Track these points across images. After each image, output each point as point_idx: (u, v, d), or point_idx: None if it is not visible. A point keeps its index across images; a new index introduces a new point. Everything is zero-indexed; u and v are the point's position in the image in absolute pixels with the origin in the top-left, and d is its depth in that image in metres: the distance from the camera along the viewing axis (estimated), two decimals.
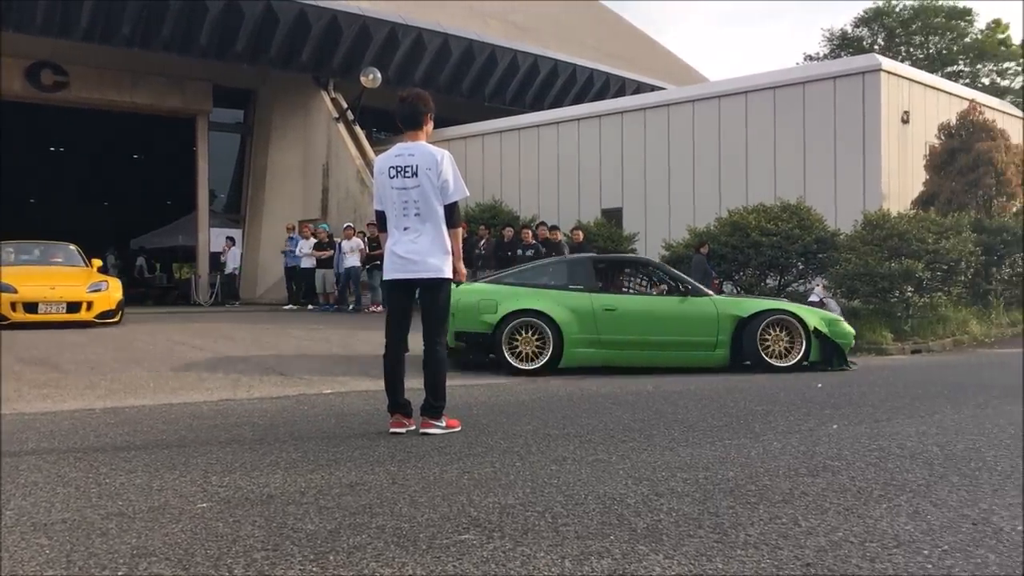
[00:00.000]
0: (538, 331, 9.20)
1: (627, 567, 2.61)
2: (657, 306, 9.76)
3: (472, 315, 9.22)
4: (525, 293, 9.48)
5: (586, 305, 9.33)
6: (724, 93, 18.74)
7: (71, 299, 12.53)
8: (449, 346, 9.53)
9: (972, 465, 4.01)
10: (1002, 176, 16.13)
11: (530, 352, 9.18)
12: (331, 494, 3.57)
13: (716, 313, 9.46)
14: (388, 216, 5.21)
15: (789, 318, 9.44)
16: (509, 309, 9.18)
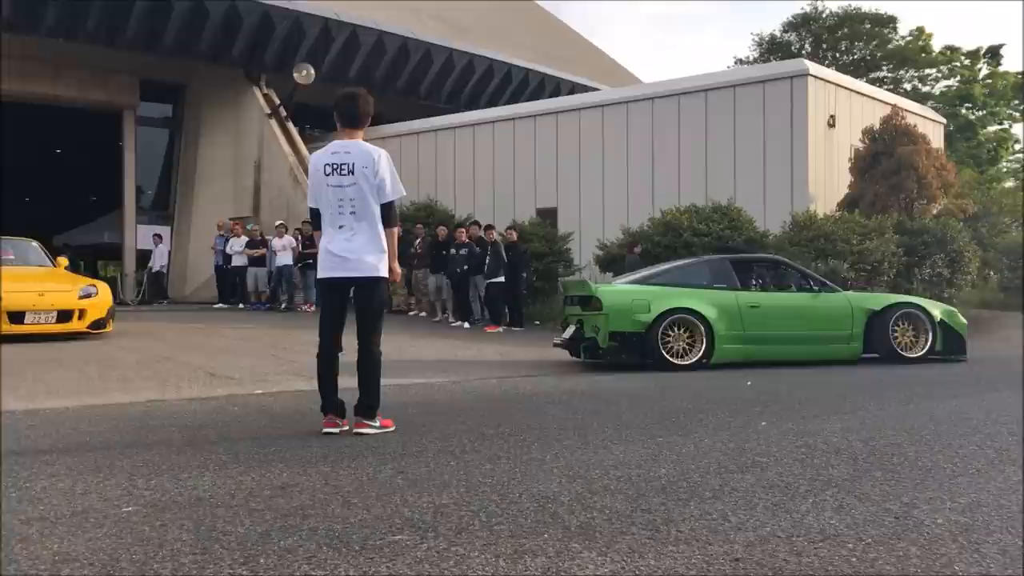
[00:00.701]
0: (688, 328, 9.56)
1: (560, 565, 2.62)
2: (796, 302, 10.21)
3: (626, 315, 9.52)
4: (675, 292, 9.84)
5: (731, 303, 9.75)
6: (657, 95, 18.98)
7: (62, 307, 10.74)
8: (601, 347, 9.85)
9: (894, 460, 4.13)
10: (923, 179, 16.64)
11: (681, 349, 9.55)
12: (262, 496, 3.51)
13: (850, 307, 10.04)
14: (323, 214, 5.15)
15: (917, 311, 10.08)
16: (663, 308, 9.51)
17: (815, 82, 17.12)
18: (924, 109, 22.70)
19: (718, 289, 9.85)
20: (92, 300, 11.03)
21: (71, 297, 10.91)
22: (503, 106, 23.67)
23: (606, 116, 19.46)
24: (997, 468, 3.94)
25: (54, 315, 10.63)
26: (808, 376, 8.70)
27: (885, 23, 37.77)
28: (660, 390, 7.54)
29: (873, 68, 37.50)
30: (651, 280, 10.25)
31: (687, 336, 9.55)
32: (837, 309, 10.05)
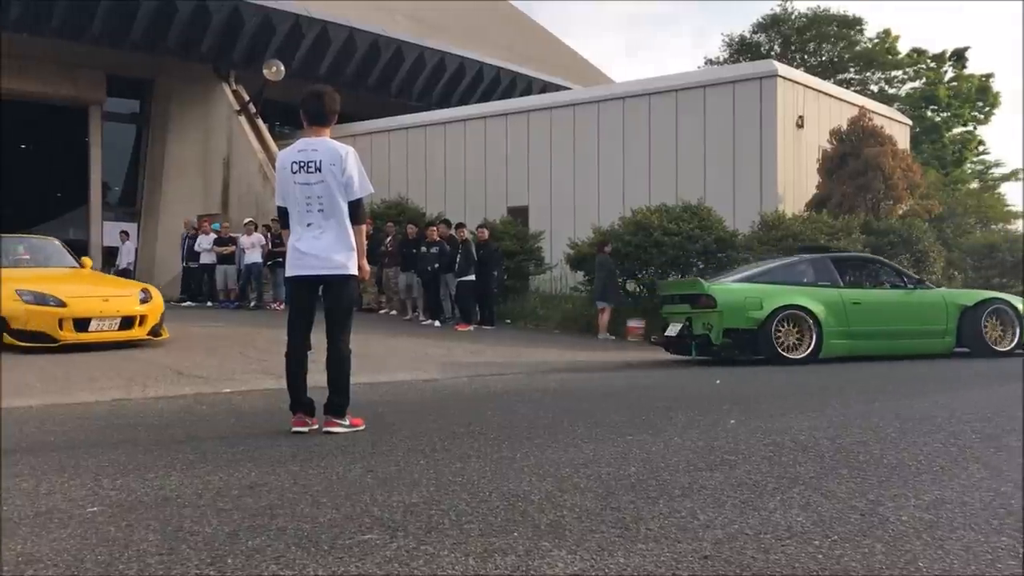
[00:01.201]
0: (797, 324, 10.09)
1: (530, 563, 2.62)
2: (894, 298, 10.72)
3: (739, 312, 10.06)
4: (784, 290, 10.36)
5: (836, 299, 10.25)
6: (628, 94, 19.05)
7: (126, 312, 10.02)
8: (715, 343, 10.26)
9: (860, 458, 4.17)
10: (890, 180, 16.85)
11: (791, 343, 10.09)
12: (230, 495, 3.49)
13: (944, 303, 10.55)
14: (291, 212, 5.12)
15: (1005, 307, 10.55)
16: (775, 305, 10.05)
17: (784, 83, 17.27)
18: (891, 111, 22.98)
19: (822, 287, 10.37)
20: (149, 305, 10.41)
21: (133, 302, 10.26)
22: (474, 104, 23.64)
23: (577, 115, 19.50)
24: (960, 466, 4.00)
25: (117, 322, 9.95)
26: (774, 375, 8.78)
27: (852, 25, 38.16)
28: (630, 388, 7.57)
29: (841, 69, 37.88)
30: (757, 278, 10.75)
31: (796, 332, 10.12)
32: (932, 305, 10.59)
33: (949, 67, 37.67)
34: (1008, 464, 4.01)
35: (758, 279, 10.71)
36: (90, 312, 9.64)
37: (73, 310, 9.53)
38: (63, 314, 9.45)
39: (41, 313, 9.35)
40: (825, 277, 10.51)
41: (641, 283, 15.28)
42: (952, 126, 36.31)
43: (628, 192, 17.93)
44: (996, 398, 6.46)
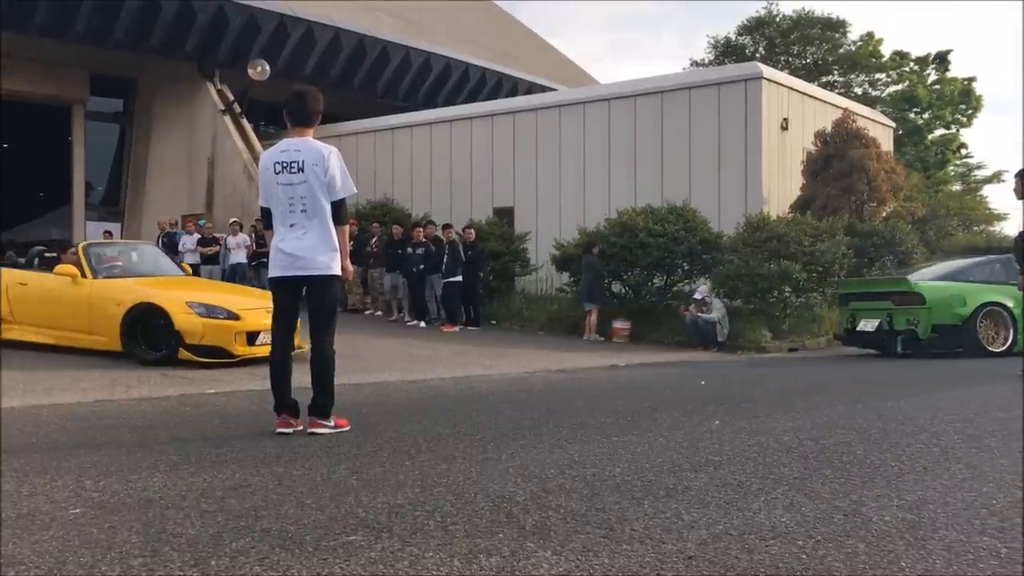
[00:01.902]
0: (995, 320, 10.97)
1: (515, 564, 2.63)
2: None
3: (946, 309, 10.97)
4: (982, 288, 11.26)
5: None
6: (613, 96, 19.07)
7: None
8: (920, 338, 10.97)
9: (844, 459, 4.20)
10: (873, 182, 16.93)
11: (990, 337, 10.93)
12: (214, 497, 3.47)
13: None
14: (274, 213, 5.11)
15: None
16: (979, 302, 10.93)
17: (769, 85, 17.33)
18: (874, 113, 23.09)
19: (1012, 285, 10.72)
20: None
21: None
22: (460, 105, 23.62)
23: (563, 116, 19.51)
24: (943, 466, 4.03)
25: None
26: (759, 375, 8.81)
27: (836, 27, 38.35)
28: (616, 389, 7.58)
29: (825, 72, 38.05)
30: (955, 277, 11.55)
31: (993, 327, 10.97)
32: None
33: (932, 70, 37.92)
34: (989, 464, 4.05)
35: (956, 277, 11.56)
36: (258, 325, 9.11)
37: (246, 323, 9.15)
38: (238, 327, 9.09)
39: (217, 327, 8.99)
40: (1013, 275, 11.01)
41: (626, 284, 15.30)
42: (934, 128, 36.55)
43: (613, 193, 17.96)
44: (978, 399, 6.51)
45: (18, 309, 9.83)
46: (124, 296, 9.30)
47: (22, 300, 9.86)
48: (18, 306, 9.84)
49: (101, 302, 9.39)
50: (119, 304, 9.20)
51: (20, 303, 9.85)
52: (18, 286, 9.94)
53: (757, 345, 12.91)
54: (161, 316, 8.96)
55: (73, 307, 9.54)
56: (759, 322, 13.60)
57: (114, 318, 9.14)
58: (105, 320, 9.24)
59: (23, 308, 9.82)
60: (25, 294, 9.88)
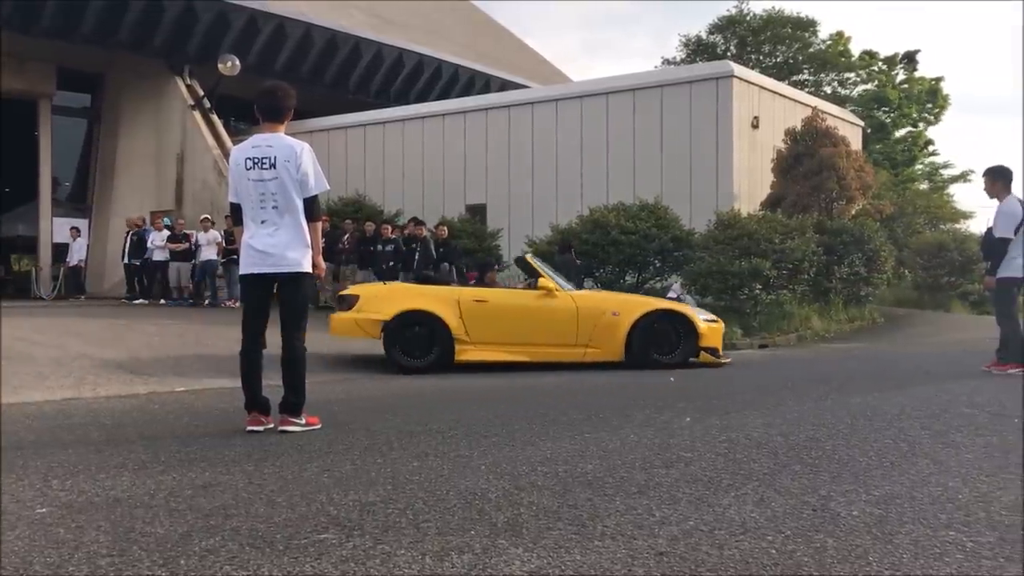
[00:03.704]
0: None
1: (487, 561, 2.63)
2: None
3: None
4: None
5: None
6: (586, 93, 19.12)
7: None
8: None
9: (813, 454, 4.24)
10: (843, 180, 17.10)
11: None
12: (183, 496, 3.44)
13: None
14: (244, 209, 5.06)
15: None
16: None
17: (740, 84, 17.45)
18: (843, 112, 23.32)
19: None
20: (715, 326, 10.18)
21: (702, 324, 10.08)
22: (433, 102, 23.57)
23: (536, 114, 19.53)
24: (910, 461, 4.08)
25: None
26: (729, 373, 8.87)
27: (806, 27, 38.68)
28: (588, 387, 7.61)
29: (795, 71, 38.37)
30: None
31: None
32: None
33: (900, 69, 38.35)
34: (955, 460, 4.10)
35: None
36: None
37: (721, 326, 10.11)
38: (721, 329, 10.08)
39: (716, 330, 9.91)
40: None
41: (599, 281, 15.34)
42: (901, 126, 36.97)
43: (586, 191, 18.01)
44: (944, 395, 6.59)
45: (474, 328, 9.34)
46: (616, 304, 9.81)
47: (479, 318, 9.39)
48: (474, 324, 9.35)
49: (592, 314, 9.52)
50: (616, 313, 9.54)
51: (476, 321, 9.37)
52: (474, 304, 9.46)
53: (728, 342, 12.98)
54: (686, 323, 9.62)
55: (559, 321, 9.51)
56: (730, 319, 13.68)
57: (615, 327, 9.42)
58: (605, 331, 9.45)
59: (479, 326, 9.37)
60: (484, 312, 9.44)
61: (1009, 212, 8.28)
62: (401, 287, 10.09)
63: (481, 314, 9.40)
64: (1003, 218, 8.30)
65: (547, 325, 9.54)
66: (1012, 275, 8.39)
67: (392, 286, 10.21)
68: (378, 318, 9.16)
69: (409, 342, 9.18)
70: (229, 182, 5.20)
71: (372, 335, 9.23)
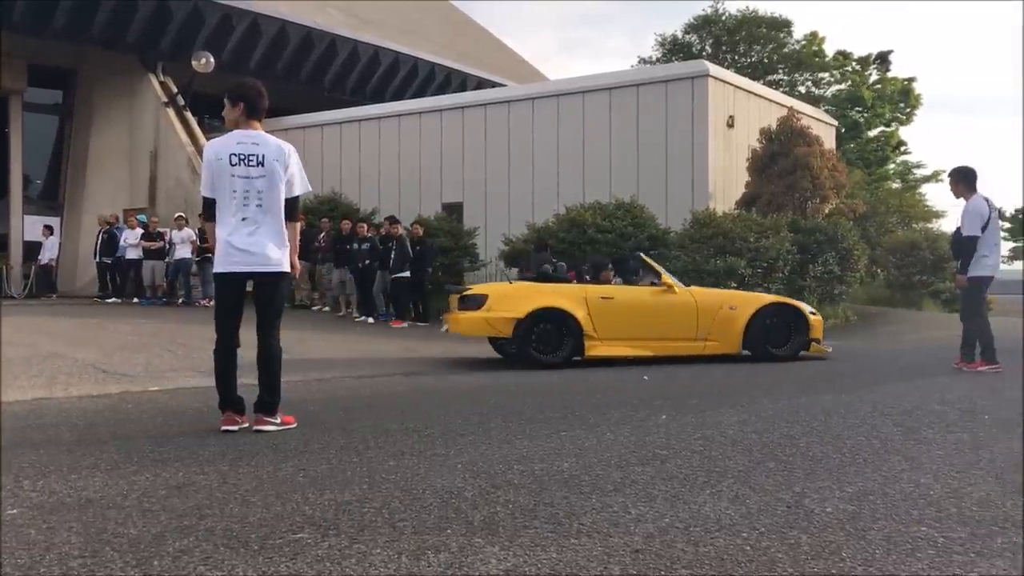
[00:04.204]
0: None
1: (463, 560, 2.63)
2: None
3: None
4: None
5: None
6: (562, 92, 19.14)
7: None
8: None
9: (787, 451, 4.27)
10: (817, 180, 17.23)
11: None
12: (156, 496, 3.41)
13: None
14: (222, 205, 4.99)
15: None
16: None
17: (715, 83, 17.53)
18: (817, 112, 23.49)
19: None
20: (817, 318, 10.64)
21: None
22: (409, 100, 23.50)
23: (512, 112, 19.53)
24: (882, 458, 4.12)
25: None
26: (704, 370, 8.92)
27: (781, 27, 38.94)
28: (564, 385, 7.62)
29: (770, 71, 38.62)
30: None
31: None
32: None
33: (873, 70, 38.70)
34: (927, 456, 4.15)
35: None
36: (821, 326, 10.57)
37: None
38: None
39: (819, 321, 10.50)
40: None
41: None
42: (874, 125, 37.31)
43: (562, 189, 18.02)
44: (916, 392, 6.66)
45: (601, 324, 9.65)
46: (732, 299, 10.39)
47: (607, 314, 9.71)
48: (601, 321, 9.66)
49: (711, 309, 9.99)
50: (733, 308, 10.04)
51: (604, 317, 9.68)
52: (601, 301, 9.77)
53: None
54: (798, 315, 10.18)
55: (679, 316, 9.92)
56: None
57: (732, 321, 9.91)
58: (722, 324, 9.93)
59: (606, 323, 9.68)
60: (610, 308, 9.76)
61: (975, 211, 8.41)
62: (526, 286, 10.32)
63: (608, 310, 9.75)
64: (969, 217, 8.43)
65: (668, 320, 9.94)
66: (982, 274, 8.51)
67: (517, 285, 10.48)
68: (511, 316, 9.46)
69: (542, 339, 9.49)
70: (203, 176, 5.10)
71: (504, 333, 9.53)
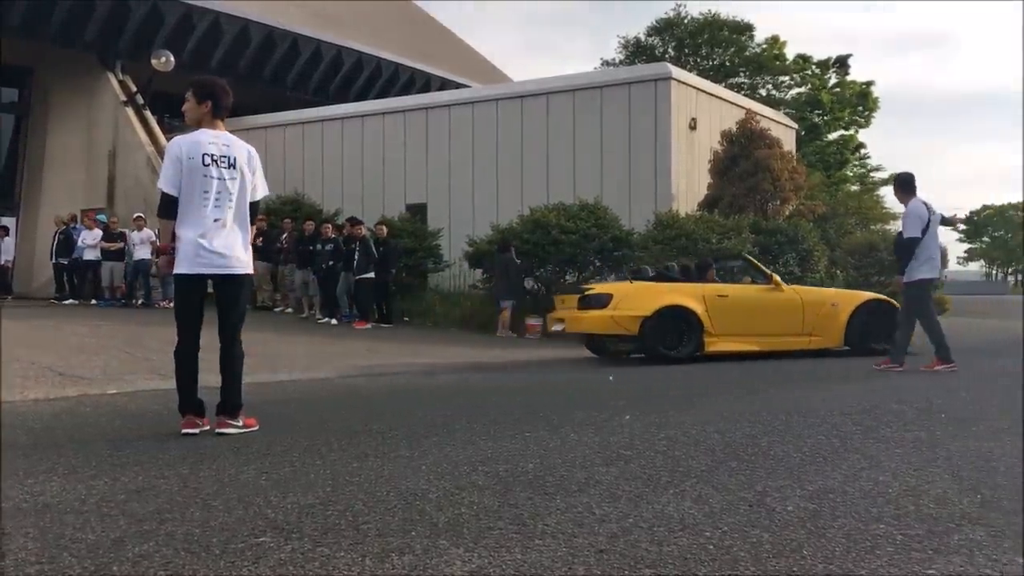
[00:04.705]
0: None
1: (428, 562, 2.62)
2: None
3: None
4: None
5: None
6: (527, 93, 19.16)
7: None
8: None
9: (749, 451, 4.31)
10: (777, 182, 17.42)
11: None
12: (115, 500, 3.36)
13: None
14: (191, 205, 4.84)
15: None
16: None
17: (678, 86, 17.65)
18: (778, 114, 23.75)
19: None
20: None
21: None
22: (372, 100, 23.40)
23: (476, 113, 19.51)
24: (842, 456, 4.17)
25: None
26: (666, 371, 8.98)
27: (742, 31, 39.34)
28: (529, 386, 7.63)
29: (732, 74, 39.00)
30: None
31: None
32: None
33: (832, 73, 39.22)
34: (885, 454, 4.21)
35: None
36: None
37: None
38: None
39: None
40: None
41: (539, 281, 15.40)
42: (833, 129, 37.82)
43: (526, 190, 18.04)
44: (874, 391, 6.76)
45: (718, 321, 10.29)
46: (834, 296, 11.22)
47: (723, 312, 10.36)
48: (718, 318, 10.29)
49: (815, 306, 10.79)
50: (835, 304, 10.85)
51: (720, 315, 10.33)
52: (717, 299, 10.46)
53: None
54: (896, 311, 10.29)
55: (787, 312, 10.67)
56: None
57: (834, 317, 10.72)
58: (825, 320, 10.73)
59: (722, 320, 10.32)
60: (725, 306, 10.43)
61: (915, 214, 8.66)
62: (647, 285, 10.73)
63: (724, 308, 10.43)
64: (910, 220, 8.67)
65: (777, 317, 10.64)
66: (926, 276, 8.70)
67: (637, 284, 10.81)
68: (637, 314, 10.08)
69: (667, 335, 10.11)
70: (167, 172, 4.89)
71: (630, 330, 10.09)
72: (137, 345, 10.03)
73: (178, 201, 4.88)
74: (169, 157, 4.93)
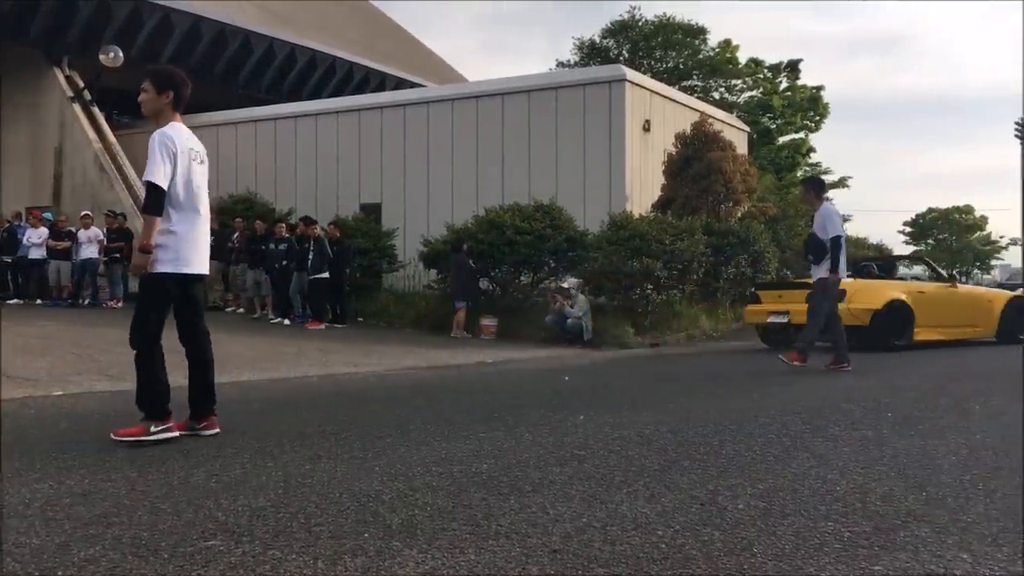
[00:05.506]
0: None
1: (381, 564, 2.60)
2: None
3: None
4: None
5: None
6: (482, 93, 19.15)
7: None
8: None
9: (701, 450, 4.35)
10: (730, 184, 17.60)
11: None
12: (60, 504, 3.29)
13: None
14: (184, 200, 4.70)
15: None
16: None
17: (632, 88, 17.77)
18: (730, 117, 24.02)
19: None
20: None
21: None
22: (326, 99, 23.22)
23: (431, 113, 19.45)
24: (792, 455, 4.23)
25: None
26: (620, 370, 9.04)
27: (696, 34, 39.69)
28: (483, 386, 7.63)
29: (685, 76, 39.32)
30: None
31: None
32: None
33: (784, 77, 39.77)
34: (834, 453, 4.28)
35: None
36: None
37: None
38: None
39: None
40: None
41: (494, 281, 15.39)
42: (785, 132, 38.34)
43: (482, 191, 18.03)
44: (823, 391, 6.87)
45: (920, 313, 11.75)
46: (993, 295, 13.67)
47: (923, 306, 11.88)
48: (920, 311, 11.77)
49: (979, 301, 13.14)
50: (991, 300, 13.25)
51: (921, 308, 11.82)
52: (918, 295, 12.04)
53: (620, 341, 13.23)
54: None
55: (962, 307, 12.68)
56: (623, 318, 13.93)
57: (991, 312, 12.95)
58: (985, 314, 12.92)
59: (924, 312, 11.82)
60: (924, 301, 11.98)
61: (835, 213, 9.00)
62: (863, 282, 12.01)
63: (923, 302, 11.95)
64: (831, 219, 8.91)
65: (957, 311, 12.51)
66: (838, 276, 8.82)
67: (860, 281, 12.03)
68: (870, 307, 11.37)
69: (894, 326, 11.48)
70: (165, 167, 4.60)
71: (862, 322, 11.13)
72: (84, 346, 9.83)
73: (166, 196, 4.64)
74: (161, 151, 4.62)
